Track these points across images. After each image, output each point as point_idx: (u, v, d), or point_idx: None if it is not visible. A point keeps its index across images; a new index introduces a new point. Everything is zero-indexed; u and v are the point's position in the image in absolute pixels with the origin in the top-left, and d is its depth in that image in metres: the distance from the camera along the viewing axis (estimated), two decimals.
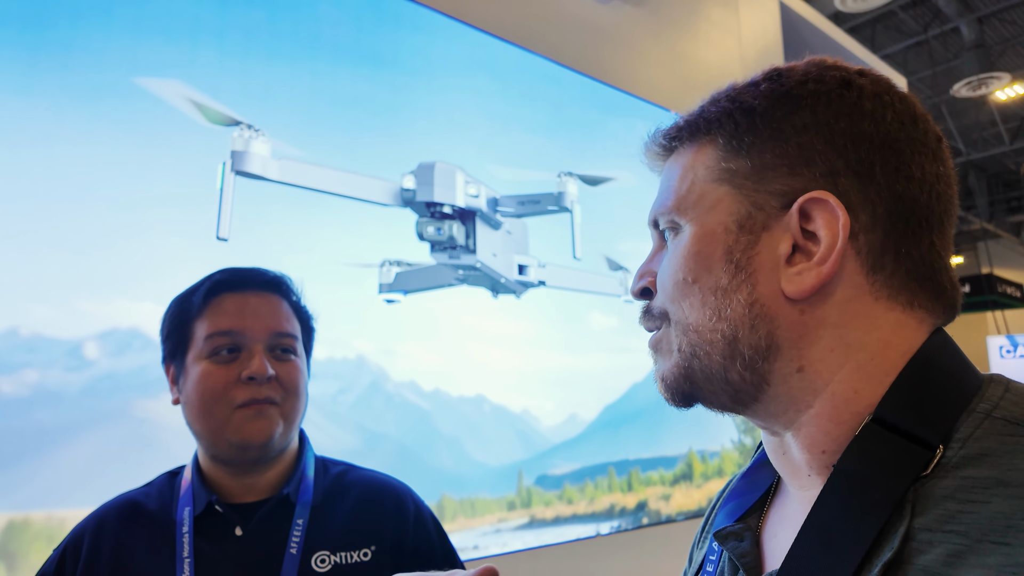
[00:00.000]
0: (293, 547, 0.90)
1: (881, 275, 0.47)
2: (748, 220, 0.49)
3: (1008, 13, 7.36)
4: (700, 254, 0.50)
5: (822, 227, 0.46)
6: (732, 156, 0.50)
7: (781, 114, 0.49)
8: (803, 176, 0.47)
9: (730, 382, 0.49)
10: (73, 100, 1.55)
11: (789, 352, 0.47)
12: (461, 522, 2.05)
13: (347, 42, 2.04)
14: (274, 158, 1.82)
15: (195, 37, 1.75)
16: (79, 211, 1.53)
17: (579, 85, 2.72)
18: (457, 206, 2.18)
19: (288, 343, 0.94)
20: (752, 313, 0.47)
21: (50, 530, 1.40)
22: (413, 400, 2.05)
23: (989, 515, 0.38)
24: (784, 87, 0.50)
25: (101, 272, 1.55)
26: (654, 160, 0.59)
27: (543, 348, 2.44)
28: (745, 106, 0.51)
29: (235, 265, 1.00)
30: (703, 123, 0.53)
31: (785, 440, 0.51)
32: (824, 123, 0.48)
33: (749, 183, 0.49)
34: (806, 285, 0.46)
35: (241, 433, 0.87)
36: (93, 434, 1.50)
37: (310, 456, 1.00)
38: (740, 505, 0.57)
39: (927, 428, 0.42)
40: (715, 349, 0.49)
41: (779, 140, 0.48)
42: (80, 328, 1.51)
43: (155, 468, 1.10)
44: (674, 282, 0.51)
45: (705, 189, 0.51)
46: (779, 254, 0.48)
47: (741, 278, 0.48)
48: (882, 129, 0.47)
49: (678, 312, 0.51)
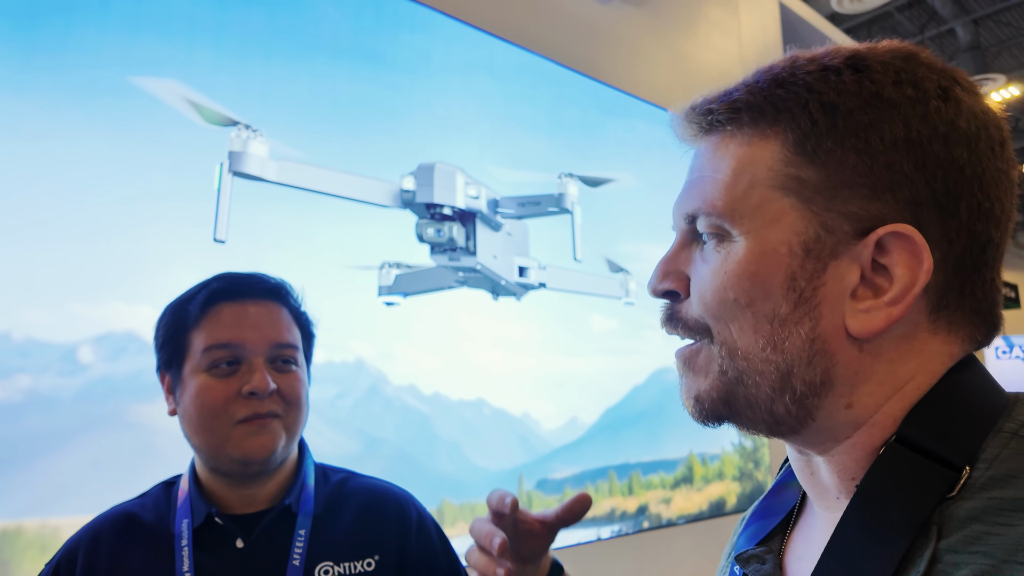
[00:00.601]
0: (296, 558, 0.88)
1: (944, 313, 0.44)
2: (816, 244, 0.43)
3: (1003, 15, 7.39)
4: (758, 275, 0.44)
5: (899, 265, 0.42)
6: (803, 162, 0.44)
7: (869, 120, 0.42)
8: (884, 202, 0.42)
9: (774, 413, 0.45)
10: (68, 99, 1.53)
11: (841, 389, 0.44)
12: (461, 527, 2.03)
13: (346, 41, 2.01)
14: (272, 159, 1.80)
15: (192, 36, 1.72)
16: (73, 212, 1.51)
17: (579, 85, 2.70)
18: (457, 207, 2.16)
19: (289, 354, 0.91)
20: (812, 349, 0.43)
21: (43, 538, 1.38)
22: (413, 404, 2.03)
23: (1016, 536, 0.36)
24: (875, 85, 0.43)
25: (96, 275, 1.52)
26: (688, 132, 0.51)
27: (543, 351, 2.42)
28: (825, 100, 0.43)
29: (233, 268, 0.97)
30: (770, 110, 0.45)
31: (814, 461, 0.49)
32: (918, 142, 0.42)
33: (820, 199, 0.43)
34: (874, 326, 0.42)
35: (243, 448, 0.85)
36: (88, 440, 1.48)
37: (310, 465, 0.98)
38: (762, 527, 0.55)
39: (952, 448, 0.41)
40: (765, 380, 0.45)
41: (863, 153, 0.42)
42: (74, 332, 1.48)
43: (151, 474, 1.07)
44: (721, 299, 0.46)
45: (766, 196, 0.45)
46: (845, 286, 0.43)
47: (805, 310, 0.43)
48: (974, 158, 0.43)
49: (724, 332, 0.46)
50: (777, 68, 0.47)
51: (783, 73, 0.46)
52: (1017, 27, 7.66)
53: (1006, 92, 8.50)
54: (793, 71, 0.46)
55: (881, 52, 0.45)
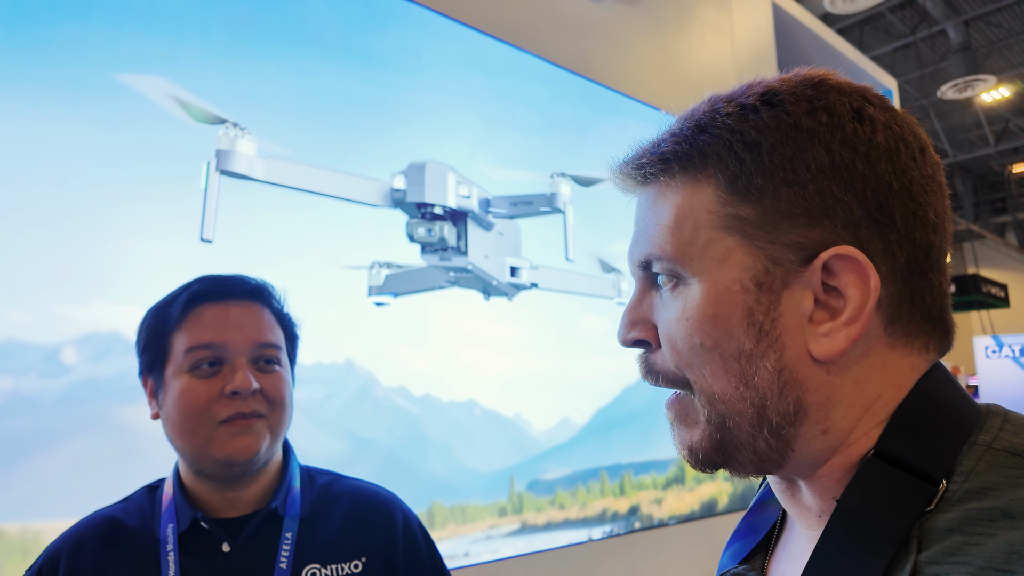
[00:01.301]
0: (283, 562, 0.87)
1: (899, 324, 0.45)
2: (766, 277, 0.45)
3: (994, 16, 7.44)
4: (717, 317, 0.45)
5: (850, 286, 0.43)
6: (738, 200, 0.45)
7: (791, 152, 0.44)
8: (822, 227, 0.44)
9: (757, 451, 0.46)
10: (51, 96, 1.50)
11: (815, 415, 0.45)
12: (452, 529, 2.01)
13: (336, 39, 1.99)
14: (260, 157, 1.77)
15: (178, 32, 1.70)
16: (57, 211, 1.48)
17: (572, 85, 2.69)
18: (448, 207, 2.14)
19: (272, 354, 0.91)
20: (782, 379, 0.44)
21: (25, 543, 1.35)
22: (403, 405, 2.01)
23: (994, 545, 0.37)
24: (790, 117, 0.45)
25: (80, 275, 1.49)
26: (628, 184, 0.53)
27: (535, 351, 2.41)
28: (747, 140, 0.45)
29: (220, 268, 0.97)
30: (697, 155, 0.47)
31: (796, 484, 0.49)
32: (841, 166, 0.44)
33: (761, 233, 0.45)
34: (836, 347, 0.43)
35: (226, 449, 0.85)
36: (71, 442, 1.45)
37: (295, 467, 0.98)
38: (745, 545, 0.56)
39: (929, 462, 0.42)
40: (744, 419, 0.46)
41: (793, 184, 0.44)
42: (57, 333, 1.46)
43: (136, 477, 1.05)
44: (690, 346, 0.47)
45: (711, 237, 0.46)
46: (802, 312, 0.44)
47: (767, 343, 0.44)
48: (898, 169, 0.44)
49: (700, 379, 0.47)
50: (698, 114, 0.49)
51: (704, 118, 0.48)
52: (1008, 28, 7.71)
53: (996, 93, 8.56)
54: (713, 115, 0.47)
55: (792, 83, 0.47)
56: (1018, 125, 9.82)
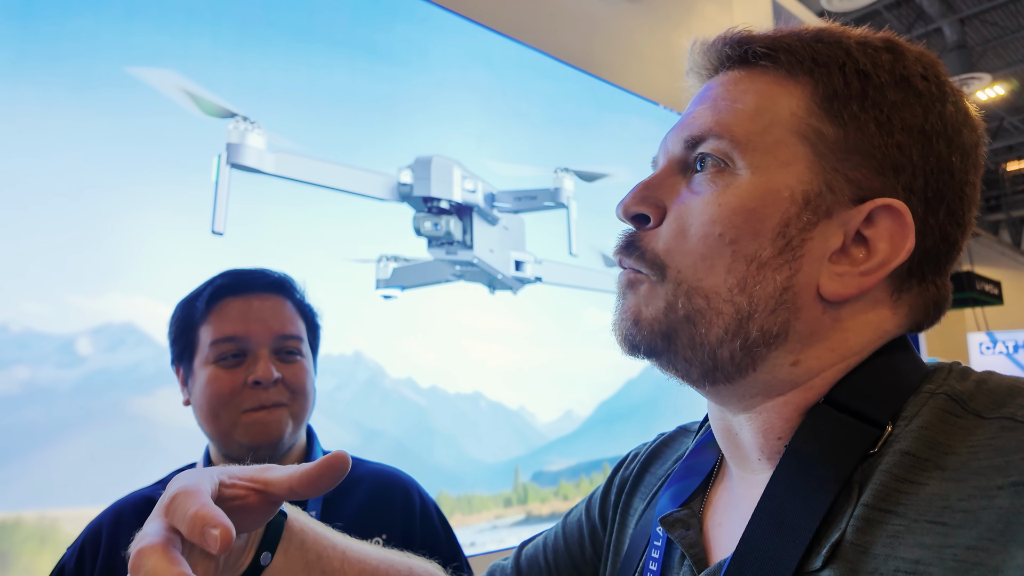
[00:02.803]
0: None
1: (904, 298, 0.46)
2: (816, 197, 0.44)
3: (989, 14, 7.47)
4: (754, 213, 0.44)
5: (883, 239, 0.44)
6: (826, 117, 0.44)
7: (895, 99, 0.44)
8: (886, 178, 0.44)
9: (716, 357, 0.45)
10: (64, 89, 1.51)
11: (793, 345, 0.45)
12: (458, 519, 2.04)
13: (344, 34, 2.01)
14: (270, 151, 1.79)
15: (189, 26, 1.71)
16: (70, 203, 1.50)
17: (575, 80, 2.71)
18: (454, 201, 2.16)
19: (293, 345, 0.95)
20: (781, 299, 0.44)
21: (42, 530, 1.37)
22: (410, 396, 2.04)
23: (927, 496, 0.38)
24: (906, 71, 0.45)
25: (93, 266, 1.51)
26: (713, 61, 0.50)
27: (539, 344, 2.43)
28: (860, 67, 0.45)
29: (230, 260, 1.02)
30: (808, 58, 0.46)
31: (735, 423, 0.49)
32: (929, 134, 0.44)
33: (832, 157, 0.44)
34: (845, 291, 0.44)
35: (250, 435, 0.89)
36: (86, 432, 1.47)
37: (318, 451, 1.03)
38: (684, 489, 0.55)
39: (876, 407, 0.42)
40: (720, 320, 0.44)
41: (882, 127, 0.44)
42: (72, 324, 1.47)
43: (150, 466, 1.08)
44: (703, 234, 0.45)
45: (783, 138, 0.45)
46: (829, 246, 0.44)
47: (787, 258, 0.44)
48: (964, 167, 0.45)
49: (688, 271, 0.45)
50: (816, 29, 0.48)
51: (825, 32, 0.47)
52: (1003, 27, 7.76)
53: (991, 91, 8.60)
54: (835, 34, 0.47)
55: (912, 47, 0.47)
56: (1013, 123, 9.88)
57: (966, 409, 0.40)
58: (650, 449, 0.65)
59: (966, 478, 0.37)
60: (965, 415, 0.40)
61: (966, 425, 0.40)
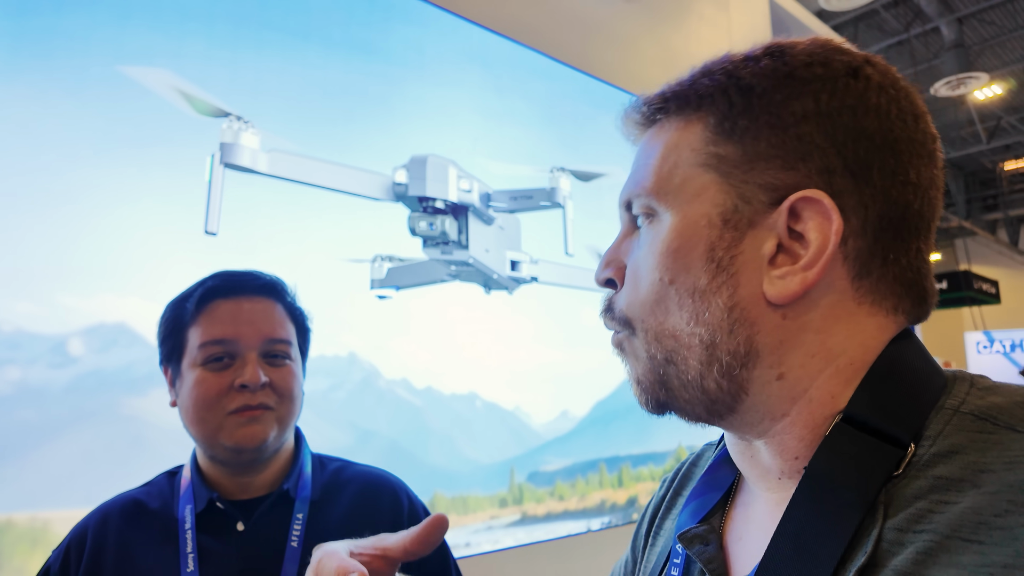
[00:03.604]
0: (294, 540, 0.92)
1: (867, 281, 0.45)
2: (734, 214, 0.45)
3: (987, 14, 7.48)
4: (680, 250, 0.46)
5: (812, 230, 0.44)
6: (722, 140, 0.46)
7: (781, 98, 0.45)
8: (797, 171, 0.44)
9: (706, 391, 0.46)
10: (57, 88, 1.51)
11: (769, 359, 0.45)
12: (453, 519, 2.03)
13: (338, 33, 2.00)
14: (264, 150, 1.78)
15: (183, 25, 1.70)
16: (63, 202, 1.49)
17: (571, 79, 2.70)
18: (450, 201, 2.16)
19: (281, 349, 0.94)
20: (732, 317, 0.44)
21: (34, 532, 1.37)
22: (405, 397, 2.03)
23: (959, 512, 0.37)
24: (787, 67, 0.46)
25: (86, 266, 1.50)
26: (632, 130, 0.54)
27: (535, 344, 2.43)
28: (742, 83, 0.46)
29: (223, 260, 1.01)
30: (693, 97, 0.48)
31: (754, 445, 0.49)
32: (827, 114, 0.44)
33: (738, 172, 0.45)
34: (790, 290, 0.44)
35: (235, 437, 0.89)
36: (78, 433, 1.46)
37: (307, 453, 1.03)
38: (703, 504, 0.55)
39: (897, 426, 0.41)
40: (693, 355, 0.46)
41: (776, 128, 0.45)
42: (64, 324, 1.47)
43: (142, 467, 1.08)
44: (649, 282, 0.48)
45: (689, 174, 0.47)
46: (763, 254, 0.45)
47: (722, 279, 0.45)
48: (885, 127, 0.45)
49: (649, 318, 0.48)
50: (708, 63, 0.50)
51: (710, 65, 0.50)
52: (1000, 26, 7.76)
53: (989, 90, 8.61)
54: (719, 62, 0.49)
55: (801, 42, 0.48)
56: (1010, 122, 9.89)
57: (997, 424, 0.40)
58: (681, 471, 0.66)
59: (1001, 492, 0.36)
60: (998, 430, 0.39)
61: (1000, 440, 0.39)
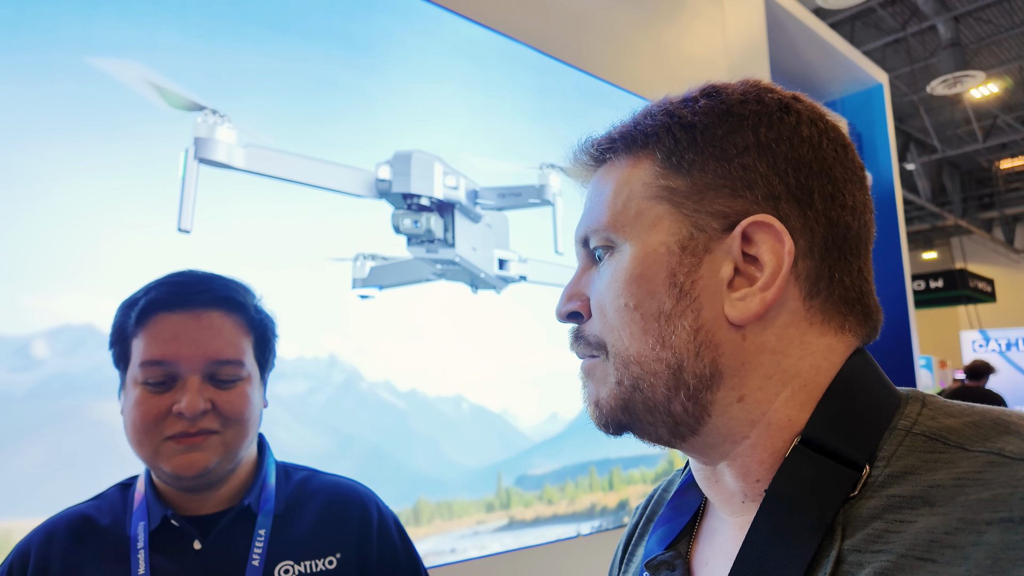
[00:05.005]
0: (255, 558, 0.86)
1: (816, 300, 0.47)
2: (690, 241, 0.48)
3: (983, 12, 7.46)
4: (643, 277, 0.48)
5: (766, 252, 0.46)
6: (671, 173, 0.49)
7: (722, 132, 0.49)
8: (745, 199, 0.47)
9: (672, 414, 0.48)
10: (21, 81, 1.45)
11: (731, 381, 0.47)
12: (438, 525, 1.98)
13: (319, 24, 1.94)
14: (240, 145, 1.73)
15: (156, 15, 1.64)
16: (27, 198, 1.43)
17: (561, 74, 2.65)
18: (435, 198, 2.10)
19: (229, 372, 0.87)
20: (697, 340, 0.46)
21: None
22: (388, 400, 1.98)
23: (914, 532, 0.38)
24: (724, 104, 0.50)
25: (51, 265, 1.45)
26: (581, 171, 0.58)
27: (524, 345, 2.38)
28: (684, 121, 0.50)
29: (197, 258, 0.95)
30: (639, 136, 0.52)
31: (718, 469, 0.50)
32: (766, 145, 0.48)
33: (689, 202, 0.48)
34: (751, 311, 0.46)
35: (172, 464, 0.84)
36: (43, 439, 1.41)
37: (270, 463, 0.97)
38: (670, 530, 0.57)
39: (853, 448, 0.43)
40: (660, 380, 0.47)
41: (720, 159, 0.48)
42: (27, 325, 1.41)
43: (111, 475, 1.02)
44: (615, 308, 0.50)
45: (643, 206, 0.50)
46: (721, 278, 0.47)
47: (686, 303, 0.47)
48: (819, 156, 0.48)
49: (618, 343, 0.49)
50: (648, 106, 0.55)
51: (651, 107, 0.54)
52: (997, 25, 7.75)
53: (985, 89, 8.60)
54: (660, 104, 0.53)
55: (732, 83, 0.52)
56: (1006, 121, 9.89)
57: (948, 444, 0.41)
58: (654, 498, 0.68)
59: (952, 511, 0.37)
60: (948, 449, 0.41)
61: (951, 458, 0.40)
